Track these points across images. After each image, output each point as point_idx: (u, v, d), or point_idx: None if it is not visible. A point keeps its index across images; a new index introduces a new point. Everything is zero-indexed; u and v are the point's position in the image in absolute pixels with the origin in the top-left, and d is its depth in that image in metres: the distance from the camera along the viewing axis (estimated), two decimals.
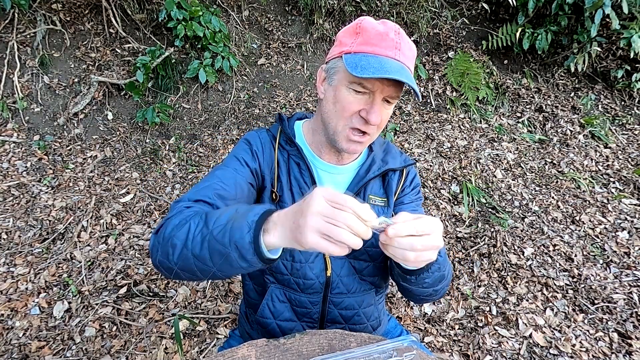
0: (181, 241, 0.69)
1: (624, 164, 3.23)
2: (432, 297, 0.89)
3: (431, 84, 3.70)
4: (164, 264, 0.72)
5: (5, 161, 2.74)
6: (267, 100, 3.46)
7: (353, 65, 0.76)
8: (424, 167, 3.00)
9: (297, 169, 0.93)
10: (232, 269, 0.66)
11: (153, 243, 0.74)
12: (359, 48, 0.79)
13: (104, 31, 3.32)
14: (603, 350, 1.88)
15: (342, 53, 0.82)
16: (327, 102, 0.86)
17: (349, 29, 0.85)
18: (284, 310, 0.98)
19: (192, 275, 0.71)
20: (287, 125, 0.97)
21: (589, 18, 3.30)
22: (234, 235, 0.62)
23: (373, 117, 0.80)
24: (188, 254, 0.68)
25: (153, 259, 0.74)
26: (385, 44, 0.79)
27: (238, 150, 0.94)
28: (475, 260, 2.34)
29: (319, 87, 0.90)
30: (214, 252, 0.65)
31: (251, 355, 0.80)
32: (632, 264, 2.33)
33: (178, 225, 0.71)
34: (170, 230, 0.71)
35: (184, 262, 0.69)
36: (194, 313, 2.00)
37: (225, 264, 0.65)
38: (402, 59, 0.79)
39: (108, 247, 2.32)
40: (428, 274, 0.78)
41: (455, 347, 1.91)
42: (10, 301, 1.97)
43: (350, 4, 3.70)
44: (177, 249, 0.69)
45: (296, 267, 0.92)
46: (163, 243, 0.71)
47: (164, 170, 2.93)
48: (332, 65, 0.85)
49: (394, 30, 0.81)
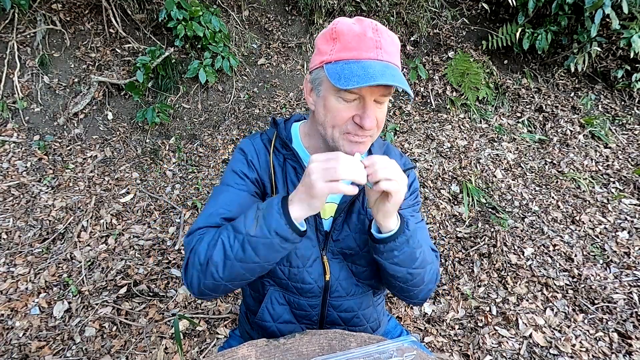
0: (220, 256, 0.76)
1: (624, 164, 3.23)
2: (411, 287, 0.88)
3: (431, 84, 3.70)
4: (210, 286, 0.79)
5: (5, 161, 2.74)
6: (267, 100, 3.46)
7: (336, 77, 0.74)
8: (424, 167, 3.00)
9: (294, 173, 0.92)
10: (276, 255, 0.77)
11: (189, 280, 0.81)
12: (338, 55, 0.76)
13: (104, 31, 3.32)
14: (603, 350, 1.88)
15: (322, 63, 0.78)
16: (318, 113, 0.83)
17: (325, 34, 0.81)
18: (283, 313, 0.98)
19: (241, 280, 0.80)
20: (284, 129, 0.96)
21: (589, 18, 3.29)
22: (271, 224, 0.73)
23: (367, 122, 0.78)
24: (233, 262, 0.76)
25: (195, 289, 0.81)
26: (365, 45, 0.75)
27: (235, 163, 0.94)
28: (475, 260, 2.34)
29: (308, 98, 0.87)
30: (258, 248, 0.74)
31: (251, 355, 0.80)
32: (632, 264, 2.33)
33: (209, 247, 0.78)
34: (204, 255, 0.78)
35: (231, 271, 0.77)
36: (194, 313, 2.00)
37: (271, 252, 0.75)
38: (385, 57, 0.76)
39: (108, 247, 2.32)
40: (396, 243, 0.80)
41: (455, 347, 1.91)
42: (10, 301, 1.97)
43: (350, 4, 3.70)
44: (220, 264, 0.77)
45: (294, 272, 0.92)
46: (202, 269, 0.78)
47: (164, 170, 2.93)
48: (316, 76, 0.82)
49: (371, 28, 0.76)
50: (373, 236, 0.83)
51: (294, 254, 0.90)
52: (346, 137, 0.82)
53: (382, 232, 0.81)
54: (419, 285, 0.88)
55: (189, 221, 2.53)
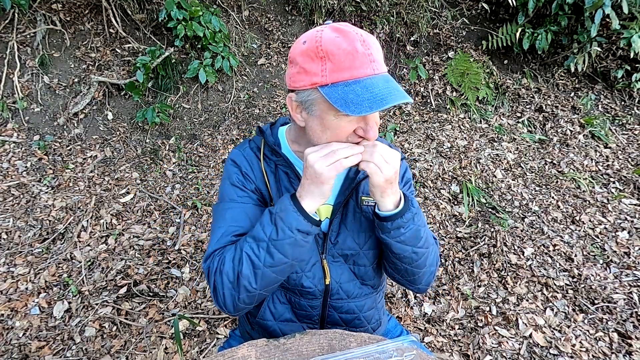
0: (250, 268, 0.78)
1: (624, 164, 3.23)
2: (415, 268, 0.88)
3: (431, 84, 3.70)
4: (246, 299, 0.81)
5: (5, 161, 2.74)
6: (267, 100, 3.46)
7: (342, 103, 0.69)
8: (424, 167, 3.00)
9: (286, 178, 0.91)
10: (302, 250, 0.81)
11: (222, 298, 0.81)
12: (333, 77, 0.71)
13: (104, 31, 3.32)
14: (603, 350, 1.88)
15: (315, 85, 0.73)
16: (312, 130, 0.79)
17: (307, 52, 0.73)
18: (284, 312, 0.98)
19: (274, 284, 0.83)
20: (270, 135, 0.94)
21: (589, 18, 3.29)
22: (291, 223, 0.77)
23: (371, 133, 0.77)
24: (263, 270, 0.78)
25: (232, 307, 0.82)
26: (360, 62, 0.71)
27: (231, 176, 0.92)
28: (475, 260, 2.34)
29: (295, 115, 0.81)
30: (284, 248, 0.78)
31: (251, 355, 0.80)
32: (632, 264, 2.33)
33: (233, 264, 0.80)
34: (232, 272, 0.80)
35: (264, 279, 0.79)
36: (194, 313, 2.00)
37: (297, 248, 0.79)
38: (379, 69, 0.73)
39: (108, 247, 2.32)
40: (402, 220, 0.82)
41: (455, 347, 1.91)
42: (10, 301, 1.97)
43: (350, 4, 3.70)
44: (251, 276, 0.79)
45: (292, 277, 0.92)
46: (233, 286, 0.80)
47: (164, 170, 2.93)
48: (306, 97, 0.76)
49: (359, 41, 0.71)
50: (380, 215, 0.84)
51: None
52: None
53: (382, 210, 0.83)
54: (422, 267, 0.89)
55: (189, 221, 2.53)
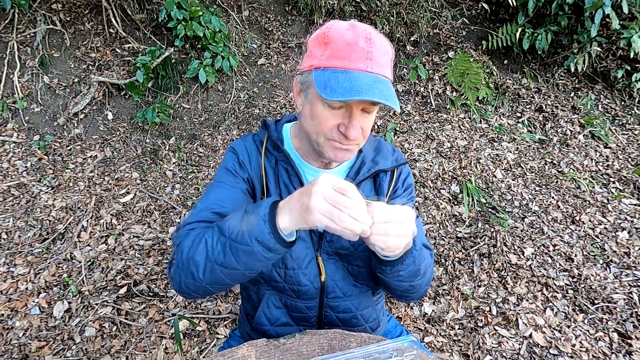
0: (202, 256, 0.72)
1: (624, 164, 3.23)
2: (410, 293, 0.89)
3: (431, 84, 3.70)
4: (190, 286, 0.75)
5: (5, 161, 2.74)
6: (267, 100, 3.46)
7: (322, 86, 0.72)
8: (424, 167, 3.00)
9: (286, 175, 0.91)
10: (259, 263, 0.71)
11: (172, 276, 0.78)
12: (328, 62, 0.74)
13: (104, 31, 3.32)
14: (603, 350, 1.88)
15: (312, 67, 0.77)
16: (305, 116, 0.83)
17: (317, 37, 0.79)
18: (280, 316, 0.98)
19: (222, 285, 0.76)
20: (274, 130, 0.95)
21: (589, 18, 3.29)
22: (253, 232, 0.67)
23: (352, 132, 0.77)
24: (213, 265, 0.72)
25: (177, 286, 0.77)
26: (355, 55, 0.73)
27: (227, 161, 0.93)
28: (475, 260, 2.34)
29: (297, 99, 0.86)
30: (238, 254, 0.69)
31: (251, 355, 0.80)
32: (632, 264, 2.33)
33: (192, 245, 0.75)
34: (187, 252, 0.75)
35: (211, 274, 0.73)
36: (194, 313, 2.00)
37: (252, 260, 0.70)
38: (375, 69, 0.73)
39: (108, 247, 2.32)
40: (402, 266, 0.78)
41: (455, 347, 1.91)
42: (10, 301, 1.97)
43: (350, 3, 3.70)
44: (201, 265, 0.73)
45: (289, 274, 0.92)
46: (183, 267, 0.75)
47: (164, 170, 2.93)
48: (305, 79, 0.80)
49: (364, 37, 0.74)
50: (378, 257, 0.78)
51: (289, 256, 0.90)
52: (331, 143, 0.82)
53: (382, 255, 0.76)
54: (418, 289, 0.89)
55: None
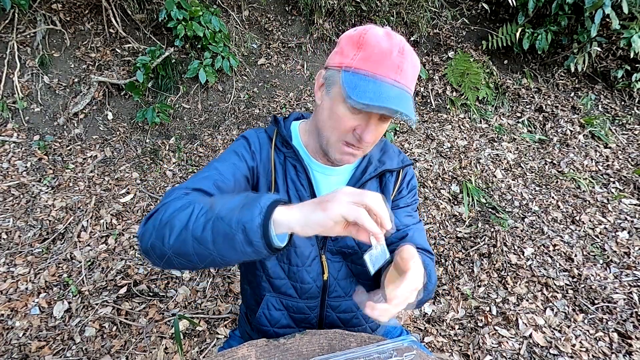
0: (182, 223, 0.66)
1: (624, 164, 3.22)
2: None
3: (431, 84, 3.70)
4: (157, 249, 0.68)
5: (5, 161, 2.74)
6: (267, 100, 3.46)
7: (351, 87, 0.73)
8: (424, 167, 3.00)
9: (294, 171, 0.91)
10: (234, 254, 0.63)
11: (144, 229, 0.71)
12: (359, 65, 0.75)
13: (104, 31, 3.32)
14: (603, 350, 1.88)
15: (342, 66, 0.77)
16: (322, 111, 0.83)
17: (352, 37, 0.79)
18: (280, 318, 0.98)
19: (187, 261, 0.67)
20: (284, 127, 0.95)
21: (589, 18, 3.29)
22: (243, 216, 0.60)
23: (367, 136, 0.78)
24: (187, 236, 0.65)
25: (144, 244, 0.70)
26: (387, 65, 0.74)
27: (237, 146, 0.92)
28: (475, 260, 2.34)
29: (317, 92, 0.86)
30: (218, 234, 0.62)
31: (251, 355, 0.80)
32: (632, 264, 2.33)
33: (180, 208, 0.69)
34: (170, 213, 0.69)
35: (181, 245, 0.65)
36: (194, 313, 1.99)
37: (228, 247, 0.62)
38: (403, 81, 0.75)
39: (108, 247, 2.32)
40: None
41: (455, 347, 1.91)
42: (10, 301, 1.97)
43: (350, 4, 3.70)
44: (175, 231, 0.66)
45: (293, 270, 0.92)
46: (159, 226, 0.68)
47: (164, 170, 2.93)
48: (331, 75, 0.80)
49: (398, 48, 0.75)
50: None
51: (294, 252, 0.90)
52: (341, 145, 0.82)
53: None
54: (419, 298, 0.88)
55: None
